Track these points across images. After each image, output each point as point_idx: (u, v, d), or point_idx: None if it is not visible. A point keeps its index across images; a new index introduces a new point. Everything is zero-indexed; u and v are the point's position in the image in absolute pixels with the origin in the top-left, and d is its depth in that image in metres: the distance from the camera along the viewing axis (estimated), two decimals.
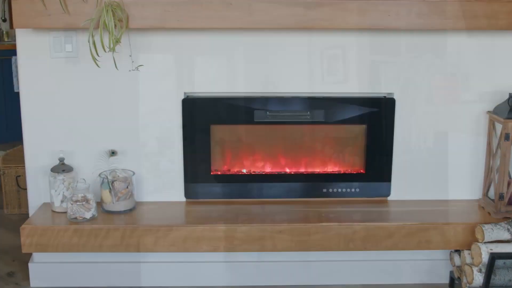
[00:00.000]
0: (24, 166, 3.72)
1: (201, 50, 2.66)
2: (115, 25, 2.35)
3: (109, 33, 2.34)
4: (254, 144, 2.85)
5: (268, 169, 2.84)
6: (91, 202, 2.57)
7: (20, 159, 3.88)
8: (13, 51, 5.59)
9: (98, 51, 2.40)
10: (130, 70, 2.58)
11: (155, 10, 2.42)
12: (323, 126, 2.80)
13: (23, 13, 2.41)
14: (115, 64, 2.48)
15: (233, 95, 2.73)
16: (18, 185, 3.79)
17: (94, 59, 2.37)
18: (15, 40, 6.00)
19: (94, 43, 2.36)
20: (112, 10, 2.33)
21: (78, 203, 2.55)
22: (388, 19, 2.49)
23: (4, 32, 6.22)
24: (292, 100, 2.74)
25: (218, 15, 2.43)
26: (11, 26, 7.01)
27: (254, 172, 2.83)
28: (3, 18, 6.52)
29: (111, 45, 2.36)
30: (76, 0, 2.40)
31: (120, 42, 2.40)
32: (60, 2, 2.37)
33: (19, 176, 3.78)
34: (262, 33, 2.64)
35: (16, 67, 5.48)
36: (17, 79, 5.52)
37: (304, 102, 2.74)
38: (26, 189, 3.73)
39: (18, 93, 5.64)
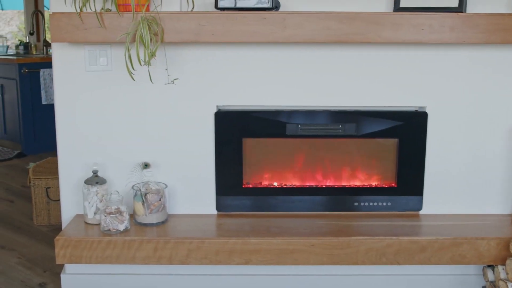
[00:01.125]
0: (54, 177, 3.79)
1: (234, 64, 2.68)
2: (151, 39, 2.37)
3: (145, 47, 2.36)
4: (286, 158, 2.85)
5: (299, 183, 2.84)
6: (124, 214, 2.59)
7: (50, 171, 3.93)
8: (41, 64, 5.71)
9: (133, 65, 2.42)
10: (166, 84, 2.61)
11: (189, 24, 2.44)
12: (354, 140, 2.80)
13: (60, 28, 2.45)
14: (150, 78, 2.51)
15: (265, 108, 2.74)
16: (48, 197, 3.83)
17: (130, 73, 2.40)
18: (43, 53, 6.11)
19: (130, 57, 2.39)
20: (148, 24, 2.36)
21: (111, 215, 2.57)
22: (422, 33, 2.49)
23: (32, 46, 6.31)
24: (324, 114, 2.75)
25: (252, 29, 2.45)
26: (38, 39, 7.15)
27: (285, 185, 2.83)
28: (31, 31, 6.63)
29: (146, 59, 2.39)
30: (112, 15, 2.43)
31: (155, 55, 2.42)
32: (97, 17, 2.40)
33: (49, 187, 3.81)
34: (295, 46, 2.66)
35: (44, 79, 5.58)
36: (45, 92, 5.62)
37: (335, 116, 2.75)
38: (56, 200, 3.79)
39: (45, 106, 5.76)
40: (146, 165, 2.72)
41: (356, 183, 2.85)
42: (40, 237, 3.64)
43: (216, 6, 2.54)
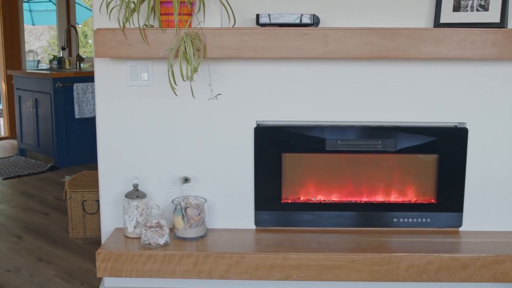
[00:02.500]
0: (90, 191, 3.83)
1: (274, 79, 2.69)
2: (193, 55, 2.39)
3: (188, 63, 2.39)
4: (325, 173, 2.85)
5: (338, 198, 2.83)
6: (164, 228, 2.61)
7: (85, 184, 3.97)
8: (74, 79, 5.78)
9: (176, 80, 2.45)
10: (209, 99, 2.63)
11: (232, 40, 2.46)
12: (393, 155, 2.79)
13: (104, 43, 2.48)
14: (192, 93, 2.53)
15: (305, 123, 2.75)
16: (84, 210, 3.86)
17: (173, 88, 2.42)
18: (76, 68, 6.19)
19: (172, 72, 2.41)
20: (191, 40, 2.38)
21: (152, 229, 2.59)
22: (463, 48, 2.48)
23: (65, 60, 6.40)
24: (363, 129, 2.74)
25: (293, 45, 2.46)
26: (69, 54, 7.24)
27: (324, 200, 2.83)
28: (63, 46, 6.73)
29: (189, 74, 2.41)
30: (155, 31, 2.46)
31: (197, 71, 2.44)
32: (141, 33, 2.43)
33: (85, 200, 3.85)
34: (336, 62, 2.66)
35: (78, 94, 5.66)
36: (78, 106, 5.69)
37: (375, 131, 2.74)
38: (91, 213, 3.83)
39: (78, 119, 5.83)
40: (186, 180, 2.73)
41: (395, 199, 2.83)
42: (76, 250, 3.67)
43: (257, 23, 2.56)
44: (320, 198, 2.84)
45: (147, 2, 2.40)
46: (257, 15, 2.56)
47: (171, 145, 2.76)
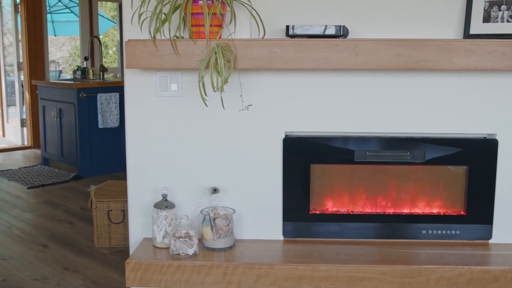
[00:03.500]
0: (115, 200, 3.85)
1: (303, 90, 2.70)
2: (224, 66, 2.40)
3: (218, 74, 2.40)
4: (354, 184, 2.84)
5: (367, 209, 2.82)
6: (193, 238, 2.61)
7: (110, 194, 3.99)
8: (98, 89, 5.84)
9: (206, 91, 2.46)
10: (240, 110, 2.64)
11: (262, 52, 2.47)
12: (422, 167, 2.77)
13: (135, 54, 2.50)
14: (222, 104, 2.54)
15: (334, 134, 2.74)
16: (109, 220, 3.88)
17: (203, 99, 2.43)
18: (99, 78, 6.25)
19: (203, 83, 2.42)
20: (222, 51, 2.40)
21: (181, 239, 2.59)
22: (494, 59, 2.46)
23: (89, 71, 6.46)
24: (392, 140, 2.73)
25: (324, 56, 2.47)
26: (92, 65, 7.31)
27: (352, 211, 2.82)
28: (86, 57, 6.80)
29: (219, 85, 2.42)
30: (186, 42, 2.48)
31: (228, 82, 2.45)
32: (172, 44, 2.45)
33: (111, 210, 3.87)
34: (366, 73, 2.66)
35: (101, 104, 5.70)
36: (102, 116, 5.74)
37: (404, 142, 2.73)
38: (117, 223, 3.85)
39: (101, 129, 5.88)
40: (215, 190, 2.74)
41: (424, 210, 2.82)
42: (102, 260, 3.68)
43: (287, 34, 2.57)
44: (348, 209, 2.83)
45: (179, 14, 2.42)
46: (287, 27, 2.56)
47: (200, 155, 2.77)
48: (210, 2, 2.44)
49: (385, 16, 2.71)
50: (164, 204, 2.70)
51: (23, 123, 7.92)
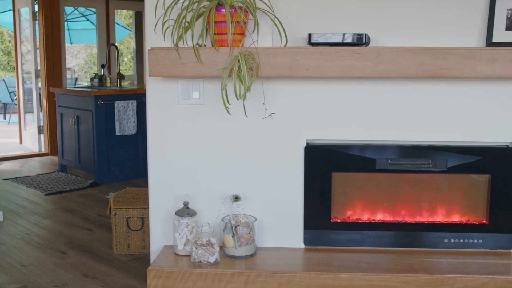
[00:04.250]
0: (134, 208, 3.86)
1: (325, 98, 2.70)
2: (247, 74, 2.41)
3: (241, 82, 2.41)
4: (375, 192, 2.83)
5: (388, 218, 2.81)
6: (215, 246, 2.61)
7: (129, 201, 4.00)
8: (116, 96, 5.87)
9: (228, 99, 2.46)
10: (263, 118, 2.64)
11: (284, 60, 2.47)
12: (444, 175, 2.76)
13: (158, 62, 2.52)
14: (245, 112, 2.55)
15: (355, 142, 2.74)
16: (128, 227, 3.89)
17: (226, 107, 2.44)
18: (116, 86, 6.28)
19: (226, 91, 2.43)
20: (245, 59, 2.40)
21: (202, 247, 2.60)
22: None
23: (106, 78, 6.49)
24: (414, 149, 2.73)
25: (346, 64, 2.47)
26: (109, 72, 7.35)
27: (373, 220, 2.81)
28: (103, 64, 6.85)
29: (241, 93, 2.43)
30: (208, 50, 2.49)
31: (250, 90, 2.45)
32: (195, 52, 2.46)
33: (130, 217, 3.88)
34: (388, 81, 2.66)
35: (119, 111, 5.73)
36: (119, 123, 5.76)
37: (426, 151, 2.72)
38: (136, 230, 3.85)
39: (118, 137, 5.90)
40: (236, 198, 2.74)
41: (446, 219, 2.80)
42: (121, 267, 3.69)
43: (309, 42, 2.57)
44: (369, 217, 2.82)
45: (202, 22, 2.43)
46: (309, 35, 2.57)
47: (221, 163, 2.77)
48: (233, 10, 2.46)
49: (406, 24, 2.71)
50: (186, 211, 2.71)
51: (40, 130, 7.97)
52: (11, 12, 10.29)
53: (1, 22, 12.06)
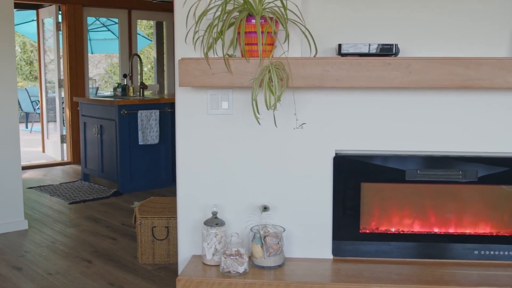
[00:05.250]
0: (160, 217, 3.87)
1: (354, 108, 2.69)
2: (277, 84, 2.41)
3: (271, 92, 2.41)
4: (404, 203, 2.82)
5: (417, 229, 2.79)
6: (244, 256, 2.61)
7: (154, 210, 4.02)
8: (139, 106, 5.90)
9: (258, 109, 2.46)
10: (294, 128, 2.64)
11: (315, 70, 2.47)
12: (475, 186, 2.74)
13: (188, 72, 2.53)
14: (275, 122, 2.55)
15: (384, 153, 2.73)
16: (154, 236, 3.90)
17: (256, 117, 2.44)
18: (139, 96, 6.31)
19: (256, 102, 2.43)
20: (275, 70, 2.41)
21: (231, 257, 2.60)
22: None
23: (129, 88, 6.54)
24: (443, 159, 2.71)
25: (376, 74, 2.46)
26: (131, 82, 7.40)
27: (402, 231, 2.79)
28: (125, 74, 6.90)
29: (271, 103, 2.43)
30: (239, 60, 2.50)
31: (280, 100, 2.46)
32: (225, 62, 2.47)
33: (155, 227, 3.89)
34: (418, 92, 2.65)
35: (141, 121, 5.76)
36: (142, 133, 5.79)
37: (456, 162, 2.70)
38: (161, 240, 3.87)
39: (141, 146, 5.93)
40: (265, 208, 2.74)
41: (476, 230, 2.78)
42: (146, 276, 3.70)
43: (339, 52, 2.57)
44: (398, 228, 2.80)
45: (233, 32, 2.44)
46: (339, 45, 2.57)
47: (250, 173, 2.78)
48: (263, 21, 2.46)
49: (435, 34, 2.71)
50: (214, 221, 2.71)
51: (62, 139, 8.04)
52: (33, 22, 10.42)
53: (24, 33, 12.20)
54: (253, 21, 2.46)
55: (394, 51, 2.56)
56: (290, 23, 2.54)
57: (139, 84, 6.68)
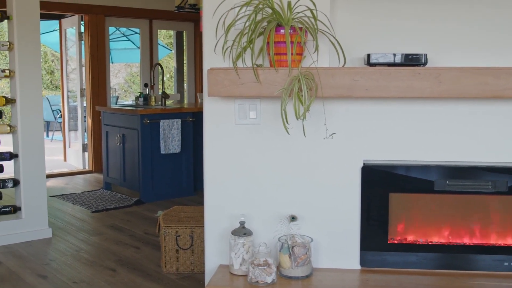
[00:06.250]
0: (184, 226, 3.88)
1: (383, 118, 2.68)
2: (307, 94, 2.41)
3: (301, 102, 2.41)
4: (433, 214, 2.79)
5: (446, 240, 2.76)
6: (272, 266, 2.60)
7: (178, 219, 4.03)
8: (161, 115, 5.93)
9: (287, 119, 2.46)
10: (324, 138, 2.64)
11: (344, 80, 2.47)
12: (505, 197, 2.71)
13: (217, 82, 2.53)
14: (304, 132, 2.55)
15: (413, 163, 2.71)
16: (178, 245, 3.91)
17: (286, 127, 2.44)
18: (161, 105, 6.35)
19: (285, 112, 2.43)
20: (305, 80, 2.41)
21: (259, 267, 2.59)
22: None
23: (151, 97, 6.57)
24: (473, 170, 2.69)
25: (406, 84, 2.45)
26: (153, 91, 7.44)
27: (431, 242, 2.77)
28: (146, 84, 6.94)
29: (300, 113, 2.43)
30: (268, 70, 2.50)
31: (309, 110, 2.45)
32: (254, 72, 2.48)
33: (179, 236, 3.90)
34: (448, 102, 2.64)
35: (164, 130, 5.79)
36: (164, 142, 5.82)
37: (485, 172, 2.68)
38: (185, 249, 3.87)
39: (163, 155, 5.95)
40: (293, 218, 2.73)
41: (506, 241, 2.74)
42: (171, 285, 3.71)
43: (367, 62, 2.57)
44: (427, 239, 2.78)
45: (262, 42, 2.45)
46: (368, 55, 2.57)
47: (277, 182, 2.77)
48: (292, 31, 2.47)
49: (464, 44, 2.70)
50: (242, 231, 2.71)
51: (84, 148, 8.10)
52: (54, 32, 10.54)
53: (45, 42, 12.33)
54: (282, 31, 2.47)
55: (423, 61, 2.55)
56: (319, 32, 2.54)
57: (160, 93, 6.71)
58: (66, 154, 8.62)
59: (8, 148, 4.92)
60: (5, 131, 4.55)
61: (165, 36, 14.82)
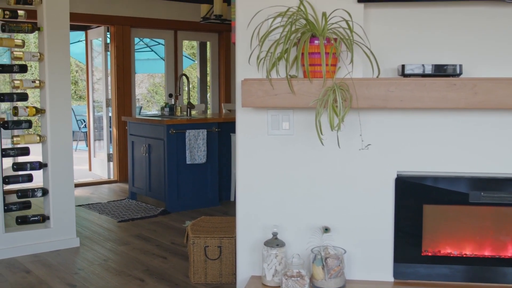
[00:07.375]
0: (212, 237, 3.88)
1: (417, 129, 2.67)
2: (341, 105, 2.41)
3: (335, 113, 2.40)
4: (468, 226, 2.76)
5: (480, 252, 2.73)
6: (305, 278, 2.59)
7: (207, 230, 4.03)
8: (187, 125, 5.94)
9: (322, 130, 2.46)
10: (360, 149, 2.63)
11: (378, 91, 2.46)
12: None
13: (251, 93, 2.54)
14: (338, 143, 2.55)
15: (447, 175, 2.69)
16: (206, 256, 3.91)
17: (320, 138, 2.44)
18: (187, 115, 6.36)
19: (320, 122, 2.43)
20: (339, 91, 2.40)
21: (293, 278, 2.58)
22: None
23: (177, 107, 6.60)
24: (508, 182, 2.65)
25: (441, 95, 2.44)
26: (178, 101, 7.47)
27: (465, 254, 2.73)
28: (171, 94, 6.97)
29: (335, 124, 2.42)
30: (302, 81, 2.50)
31: (343, 121, 2.45)
32: (288, 83, 2.48)
33: (207, 246, 3.90)
34: (483, 112, 2.61)
35: (189, 140, 5.80)
36: (189, 152, 5.83)
37: None
38: (213, 259, 3.87)
39: (189, 165, 5.96)
40: (326, 230, 2.72)
41: None
42: None
43: (402, 73, 2.56)
44: (461, 251, 2.75)
45: (297, 52, 2.45)
46: (402, 66, 2.56)
47: (310, 193, 2.77)
48: (326, 42, 2.47)
49: (498, 55, 2.67)
50: (275, 242, 2.70)
51: (109, 158, 8.15)
52: (79, 43, 10.65)
53: (70, 53, 12.45)
54: (317, 42, 2.47)
55: (458, 72, 2.54)
56: (353, 44, 2.54)
57: (186, 103, 6.74)
58: (91, 163, 8.68)
59: (37, 157, 4.96)
60: (34, 141, 4.60)
61: (187, 47, 14.90)
